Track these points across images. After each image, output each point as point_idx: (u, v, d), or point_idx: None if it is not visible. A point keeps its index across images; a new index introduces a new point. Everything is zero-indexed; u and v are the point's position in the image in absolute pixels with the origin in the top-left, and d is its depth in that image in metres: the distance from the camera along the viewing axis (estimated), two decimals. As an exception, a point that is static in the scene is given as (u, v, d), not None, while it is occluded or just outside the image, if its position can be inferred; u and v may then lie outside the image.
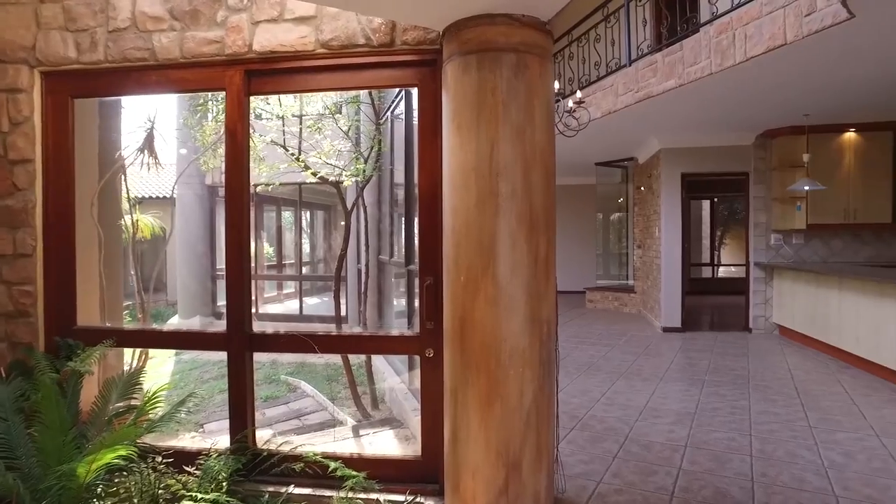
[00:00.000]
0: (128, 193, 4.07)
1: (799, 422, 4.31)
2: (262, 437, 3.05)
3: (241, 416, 2.85)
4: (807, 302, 7.08)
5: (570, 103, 5.50)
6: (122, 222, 3.98)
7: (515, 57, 2.44)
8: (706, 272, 15.61)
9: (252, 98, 2.96)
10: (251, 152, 3.03)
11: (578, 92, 5.51)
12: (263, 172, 5.00)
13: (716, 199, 15.37)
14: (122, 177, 3.88)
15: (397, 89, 5.21)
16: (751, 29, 4.57)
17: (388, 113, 5.71)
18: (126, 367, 3.61)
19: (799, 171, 7.53)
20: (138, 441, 2.50)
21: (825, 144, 7.55)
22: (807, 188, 7.07)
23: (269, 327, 9.73)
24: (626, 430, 4.11)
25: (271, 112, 5.05)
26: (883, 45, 4.58)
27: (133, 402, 2.77)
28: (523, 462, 2.48)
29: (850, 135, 7.63)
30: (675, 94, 5.63)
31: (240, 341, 2.85)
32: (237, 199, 2.86)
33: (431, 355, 2.87)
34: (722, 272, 16.06)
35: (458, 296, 2.54)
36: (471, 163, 2.47)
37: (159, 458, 2.65)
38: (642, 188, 10.51)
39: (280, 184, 5.45)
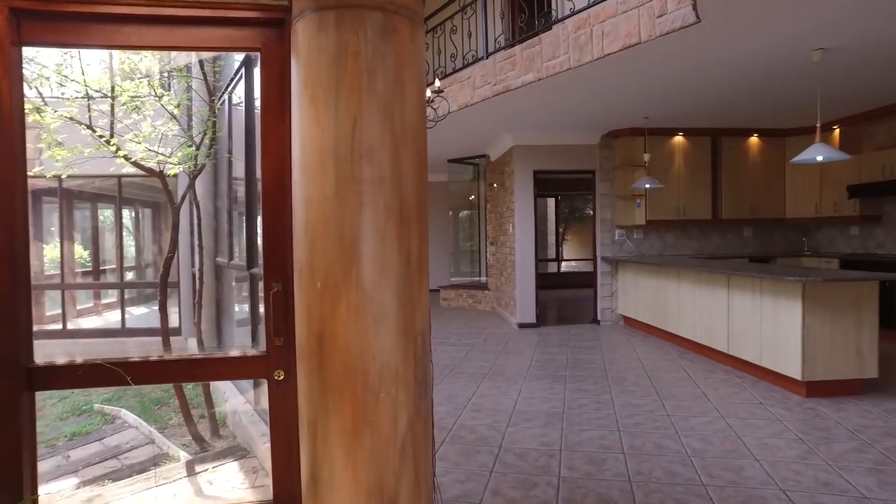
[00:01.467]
0: None
1: (658, 411, 4.43)
2: (61, 493, 2.31)
3: (15, 482, 2.10)
4: (649, 293, 7.53)
5: (429, 93, 5.22)
6: None
7: (382, 16, 2.02)
8: (552, 267, 16.43)
9: (43, 62, 2.20)
10: (44, 133, 2.26)
11: (437, 81, 5.23)
12: (59, 157, 4.00)
13: (559, 197, 16.20)
14: None
15: (237, 65, 4.52)
16: (608, 26, 4.60)
17: (226, 93, 4.97)
18: None
19: (638, 171, 8.02)
20: None
21: (660, 146, 8.14)
22: (647, 186, 7.52)
23: (81, 345, 8.28)
24: (499, 438, 3.89)
25: (69, 80, 4.06)
26: (720, 55, 4.89)
27: None
28: (399, 500, 2.08)
29: (679, 138, 8.29)
30: (533, 88, 5.59)
31: (10, 379, 2.10)
32: (2, 185, 2.10)
33: (282, 378, 2.37)
34: (564, 267, 17.02)
35: (313, 305, 2.07)
36: (328, 143, 2.01)
37: None
38: (495, 185, 10.64)
39: (81, 175, 4.46)
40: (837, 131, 8.00)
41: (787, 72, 5.47)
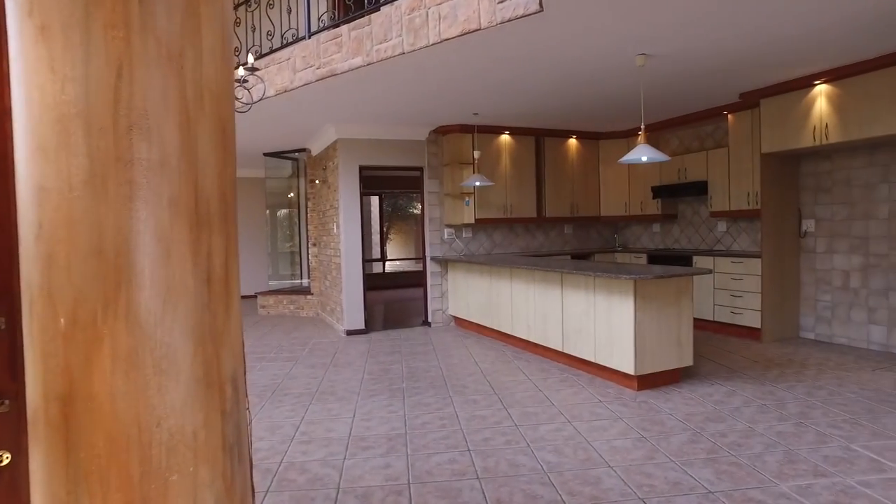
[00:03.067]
0: None
1: (505, 422, 4.19)
2: None
3: None
4: (481, 293, 7.43)
5: (241, 71, 4.43)
6: None
7: (160, -88, 1.34)
8: (377, 267, 16.05)
9: None
10: None
11: (251, 57, 4.45)
12: None
13: (383, 195, 15.87)
14: None
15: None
16: (445, 9, 4.24)
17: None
18: None
19: (467, 169, 7.91)
20: None
21: (488, 144, 8.13)
22: (478, 184, 7.41)
23: None
24: (336, 476, 3.30)
25: None
26: (554, 51, 4.81)
27: None
28: None
29: (506, 137, 8.36)
30: (363, 73, 5.06)
31: None
32: None
33: (8, 462, 1.55)
34: (389, 267, 16.74)
35: (54, 353, 1.34)
36: (74, 102, 1.29)
37: None
38: (317, 182, 9.92)
39: None
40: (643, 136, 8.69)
41: (614, 74, 5.64)
